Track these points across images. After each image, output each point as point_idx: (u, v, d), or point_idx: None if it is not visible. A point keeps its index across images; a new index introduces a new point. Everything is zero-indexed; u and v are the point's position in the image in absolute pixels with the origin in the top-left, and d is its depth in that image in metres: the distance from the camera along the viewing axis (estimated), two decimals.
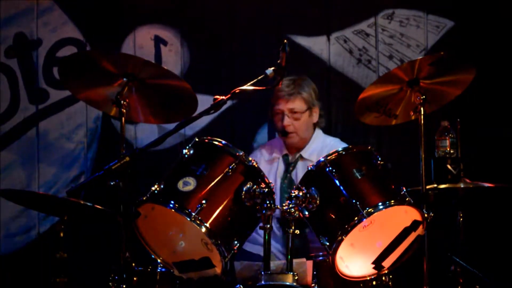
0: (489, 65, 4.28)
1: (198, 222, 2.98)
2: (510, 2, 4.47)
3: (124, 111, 3.26)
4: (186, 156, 3.18)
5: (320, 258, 3.32)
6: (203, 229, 2.98)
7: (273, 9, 4.66)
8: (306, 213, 3.15)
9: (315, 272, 3.29)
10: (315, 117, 4.04)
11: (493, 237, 4.39)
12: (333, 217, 3.16)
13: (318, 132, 4.09)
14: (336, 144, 4.07)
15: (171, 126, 3.19)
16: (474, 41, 4.53)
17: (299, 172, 3.97)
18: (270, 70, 3.00)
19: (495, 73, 4.43)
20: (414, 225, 3.15)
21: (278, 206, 3.15)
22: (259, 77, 3.01)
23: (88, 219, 3.30)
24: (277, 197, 3.69)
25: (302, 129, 3.95)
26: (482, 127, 4.47)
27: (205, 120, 4.37)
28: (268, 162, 4.03)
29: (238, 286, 2.98)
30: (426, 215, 3.15)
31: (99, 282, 3.41)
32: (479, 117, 4.47)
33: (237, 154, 3.15)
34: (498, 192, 3.67)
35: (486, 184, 3.58)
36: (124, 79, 3.28)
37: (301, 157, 4.03)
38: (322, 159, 3.22)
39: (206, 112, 3.02)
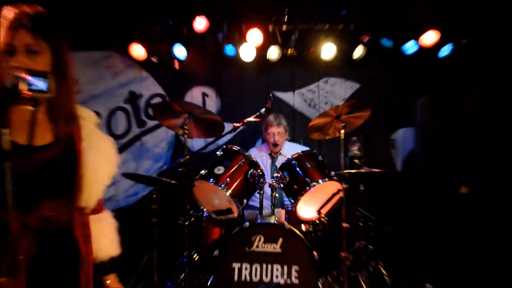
0: (377, 107, 4.33)
1: (225, 190, 3.02)
2: (386, 77, 4.57)
3: (186, 131, 3.27)
4: (218, 155, 3.21)
5: (289, 209, 3.36)
6: (228, 193, 3.02)
7: (263, 76, 4.62)
8: (281, 185, 3.19)
9: (286, 216, 3.34)
10: (287, 135, 4.05)
11: (379, 196, 4.39)
12: (296, 187, 3.17)
13: (285, 141, 4.05)
14: (297, 147, 4.10)
15: (210, 139, 3.24)
16: (370, 94, 4.56)
17: (279, 162, 3.93)
18: (262, 110, 3.06)
19: (380, 112, 4.44)
20: (338, 191, 3.19)
21: (267, 181, 3.19)
22: (257, 114, 3.07)
23: (168, 189, 3.32)
24: (268, 176, 3.75)
25: (282, 142, 3.94)
26: (375, 140, 4.52)
27: (228, 136, 4.26)
28: (259, 158, 3.97)
29: (246, 223, 2.99)
30: (344, 187, 3.19)
31: (175, 221, 3.44)
32: (373, 133, 4.51)
33: (246, 154, 3.18)
34: (382, 174, 3.71)
35: (376, 170, 3.64)
36: (186, 115, 3.28)
37: (280, 154, 4.00)
38: (290, 157, 3.25)
39: (229, 132, 3.09)
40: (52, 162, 1.31)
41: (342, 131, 3.45)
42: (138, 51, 4.29)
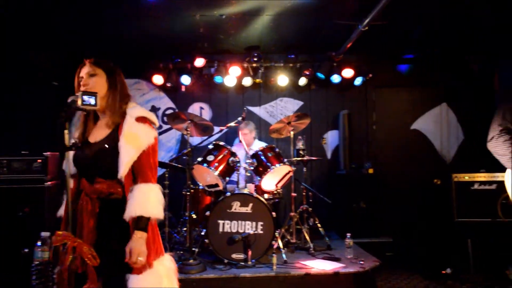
0: (314, 117, 4.26)
1: (214, 170, 2.91)
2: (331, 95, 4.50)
3: (188, 132, 3.13)
4: (210, 148, 3.08)
5: (257, 183, 3.24)
6: (216, 173, 2.91)
7: (240, 96, 4.41)
8: (252, 168, 3.09)
9: (255, 188, 3.21)
10: (254, 135, 3.78)
11: (316, 175, 4.34)
12: (261, 169, 3.07)
13: (255, 140, 3.84)
14: (262, 143, 3.92)
15: (204, 138, 3.10)
16: (310, 109, 4.42)
17: (250, 153, 3.82)
18: (239, 118, 2.96)
19: (316, 120, 4.37)
20: (288, 172, 3.13)
21: (242, 165, 3.10)
22: (235, 121, 2.95)
23: (176, 170, 3.16)
24: (243, 162, 3.61)
25: (250, 139, 3.71)
26: (313, 138, 4.42)
27: (217, 135, 4.16)
28: (237, 151, 3.83)
29: (227, 193, 2.89)
30: (292, 169, 3.13)
31: (180, 192, 3.22)
32: (312, 134, 4.40)
33: (228, 147, 3.07)
34: (318, 160, 3.64)
35: (314, 158, 3.57)
36: (189, 121, 3.13)
37: (251, 149, 3.87)
38: (257, 149, 3.15)
39: (217, 133, 2.98)
40: (99, 153, 1.30)
41: (292, 132, 3.39)
42: (157, 79, 4.18)
